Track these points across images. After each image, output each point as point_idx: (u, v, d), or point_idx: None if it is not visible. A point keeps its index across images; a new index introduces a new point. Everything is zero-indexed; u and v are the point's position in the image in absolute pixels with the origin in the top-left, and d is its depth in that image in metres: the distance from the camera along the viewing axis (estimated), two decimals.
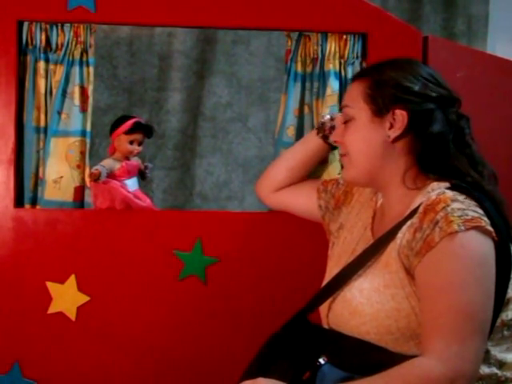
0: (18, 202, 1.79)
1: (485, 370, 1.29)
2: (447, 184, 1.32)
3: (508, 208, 1.35)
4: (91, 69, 1.82)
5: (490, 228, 1.24)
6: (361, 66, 1.84)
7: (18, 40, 1.76)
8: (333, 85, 1.83)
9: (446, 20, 3.23)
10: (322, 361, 1.41)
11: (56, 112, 1.81)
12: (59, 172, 1.81)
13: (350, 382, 1.25)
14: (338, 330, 1.39)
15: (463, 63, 1.88)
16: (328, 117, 1.67)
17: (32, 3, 1.74)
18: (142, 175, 1.98)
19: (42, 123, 1.82)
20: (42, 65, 1.79)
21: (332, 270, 1.46)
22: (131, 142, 1.89)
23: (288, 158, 1.74)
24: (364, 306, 1.32)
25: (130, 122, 1.88)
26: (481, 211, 1.26)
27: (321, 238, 1.64)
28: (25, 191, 1.82)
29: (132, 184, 1.90)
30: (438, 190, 1.30)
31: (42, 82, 1.80)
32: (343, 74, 1.85)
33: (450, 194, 1.27)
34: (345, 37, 1.83)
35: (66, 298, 1.76)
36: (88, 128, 1.84)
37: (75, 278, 1.76)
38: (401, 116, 1.35)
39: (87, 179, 1.83)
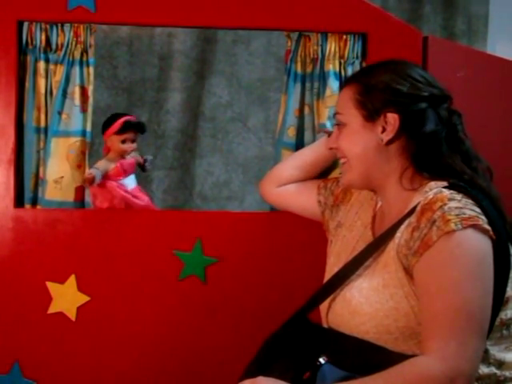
0: (18, 201, 1.79)
1: (484, 369, 1.29)
2: (445, 183, 1.32)
3: (504, 205, 1.35)
4: (91, 69, 1.82)
5: (487, 226, 1.25)
6: (361, 66, 1.83)
7: (18, 40, 1.76)
8: (332, 85, 1.83)
9: (446, 20, 3.23)
10: (322, 360, 1.40)
11: (56, 112, 1.81)
12: (60, 172, 1.81)
13: (350, 382, 1.26)
14: (338, 329, 1.39)
15: (463, 63, 1.88)
16: None
17: (32, 3, 1.74)
18: (142, 169, 1.98)
19: (43, 123, 1.82)
20: (42, 65, 1.80)
21: (332, 269, 1.46)
22: (123, 141, 1.88)
23: (298, 156, 1.75)
24: (363, 305, 1.32)
25: (119, 122, 1.87)
26: (478, 210, 1.26)
27: (321, 237, 1.64)
28: (25, 191, 1.83)
29: (130, 182, 1.90)
30: (435, 189, 1.30)
31: (42, 82, 1.80)
32: (343, 74, 1.85)
33: (446, 192, 1.28)
34: (345, 37, 1.83)
35: (66, 297, 1.76)
36: (88, 128, 1.84)
37: (75, 278, 1.76)
38: (392, 119, 1.36)
39: (83, 183, 1.82)
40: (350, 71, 1.84)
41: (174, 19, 1.79)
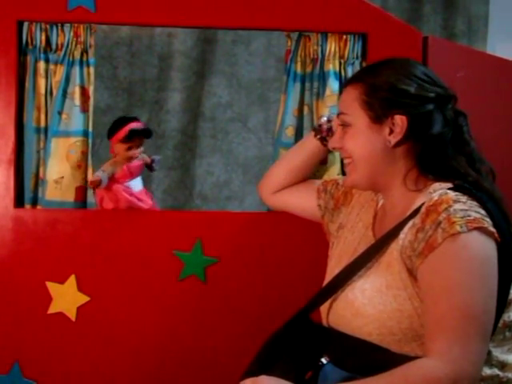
0: (18, 201, 1.79)
1: (486, 371, 1.29)
2: (449, 184, 1.31)
3: (507, 205, 1.35)
4: (92, 69, 1.82)
5: (492, 229, 1.24)
6: (361, 66, 1.83)
7: (18, 40, 1.76)
8: (332, 85, 1.83)
9: (445, 20, 3.23)
10: (324, 360, 1.40)
11: (56, 112, 1.81)
12: (60, 172, 1.81)
13: (353, 382, 1.25)
14: (338, 329, 1.39)
15: (463, 63, 1.88)
16: (325, 119, 1.66)
17: (32, 3, 1.74)
18: (149, 168, 1.96)
19: (43, 123, 1.83)
20: (42, 65, 1.80)
21: (333, 270, 1.45)
22: (129, 148, 1.85)
23: (287, 159, 1.73)
24: (366, 306, 1.31)
25: (124, 131, 1.82)
26: (483, 212, 1.26)
27: (321, 237, 1.64)
28: (25, 191, 1.83)
29: (136, 185, 1.88)
30: (439, 190, 1.29)
31: (42, 82, 1.80)
32: (343, 74, 1.85)
33: (452, 194, 1.27)
34: (345, 37, 1.83)
35: (66, 298, 1.76)
36: (90, 128, 1.84)
37: (75, 278, 1.76)
38: (400, 121, 1.33)
39: (89, 186, 1.82)
40: (350, 71, 1.84)
41: (174, 19, 1.79)
